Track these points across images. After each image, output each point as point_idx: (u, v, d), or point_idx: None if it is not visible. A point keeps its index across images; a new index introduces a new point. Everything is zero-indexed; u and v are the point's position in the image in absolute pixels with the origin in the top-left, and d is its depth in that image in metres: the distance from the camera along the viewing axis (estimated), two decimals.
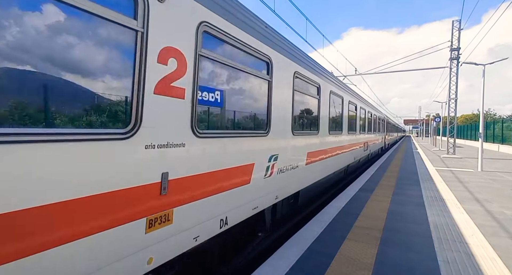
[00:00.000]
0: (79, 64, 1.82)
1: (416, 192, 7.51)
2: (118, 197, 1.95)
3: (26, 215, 1.47)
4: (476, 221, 5.10)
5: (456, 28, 18.38)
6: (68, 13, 1.71)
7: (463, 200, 6.65)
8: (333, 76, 7.80)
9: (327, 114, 6.73)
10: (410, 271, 3.22)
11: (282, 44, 4.43)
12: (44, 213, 1.55)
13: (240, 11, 3.37)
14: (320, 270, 3.19)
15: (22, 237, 1.47)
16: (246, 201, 3.45)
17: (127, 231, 2.01)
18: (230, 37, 3.14)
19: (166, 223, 2.32)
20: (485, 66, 12.77)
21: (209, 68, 2.96)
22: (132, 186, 2.04)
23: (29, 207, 1.49)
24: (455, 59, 18.66)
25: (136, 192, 2.07)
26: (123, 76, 2.08)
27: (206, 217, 2.79)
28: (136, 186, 2.07)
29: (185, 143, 2.54)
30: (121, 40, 2.06)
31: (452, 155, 18.90)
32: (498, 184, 8.85)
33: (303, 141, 5.19)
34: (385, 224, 4.80)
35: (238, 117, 3.56)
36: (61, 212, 1.63)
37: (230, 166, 3.13)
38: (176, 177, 2.42)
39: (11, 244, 1.43)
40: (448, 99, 19.75)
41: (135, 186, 2.07)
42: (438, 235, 4.35)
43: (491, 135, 27.26)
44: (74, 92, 1.84)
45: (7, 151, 1.42)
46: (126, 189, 2.00)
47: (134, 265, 2.09)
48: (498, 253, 3.74)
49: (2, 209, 1.39)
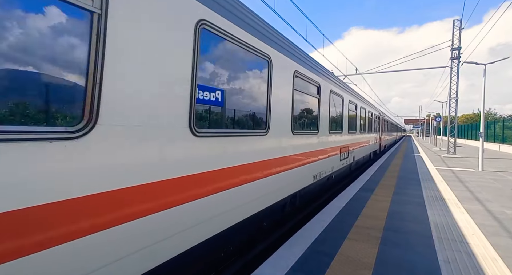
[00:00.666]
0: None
1: (416, 191, 7.49)
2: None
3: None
4: (477, 220, 5.09)
5: (457, 28, 18.35)
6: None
7: (463, 200, 6.63)
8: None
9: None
10: (410, 271, 3.21)
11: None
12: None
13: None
14: (320, 270, 3.18)
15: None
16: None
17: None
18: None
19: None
20: (486, 65, 12.74)
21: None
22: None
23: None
24: (456, 59, 18.63)
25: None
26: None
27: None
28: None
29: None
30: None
31: (453, 154, 18.88)
32: (499, 184, 8.83)
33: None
34: (385, 224, 4.80)
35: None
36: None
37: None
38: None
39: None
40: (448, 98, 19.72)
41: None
42: (438, 235, 4.34)
43: (492, 135, 27.22)
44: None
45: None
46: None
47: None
48: (499, 253, 3.73)
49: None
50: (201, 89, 2.80)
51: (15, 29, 1.52)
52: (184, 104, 2.54)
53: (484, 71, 12.67)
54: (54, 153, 1.61)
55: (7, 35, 1.50)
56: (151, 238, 2.22)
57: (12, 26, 1.51)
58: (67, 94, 1.77)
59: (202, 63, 2.81)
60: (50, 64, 1.66)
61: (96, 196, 1.81)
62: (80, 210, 1.74)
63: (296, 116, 4.98)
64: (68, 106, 1.78)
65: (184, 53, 2.55)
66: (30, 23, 1.57)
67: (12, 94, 1.56)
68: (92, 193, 1.79)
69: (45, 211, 1.57)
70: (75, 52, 1.77)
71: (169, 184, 2.36)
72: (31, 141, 1.52)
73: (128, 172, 2.02)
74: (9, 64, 1.52)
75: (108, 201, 1.88)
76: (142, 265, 2.17)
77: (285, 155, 4.49)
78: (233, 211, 3.20)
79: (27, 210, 1.50)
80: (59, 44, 1.70)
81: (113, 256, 1.96)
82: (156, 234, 2.26)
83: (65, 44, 1.73)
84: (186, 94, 2.56)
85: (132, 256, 2.08)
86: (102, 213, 1.85)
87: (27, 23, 1.56)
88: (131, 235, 2.06)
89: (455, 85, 18.99)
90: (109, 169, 1.90)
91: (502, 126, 24.93)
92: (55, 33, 1.67)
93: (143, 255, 2.16)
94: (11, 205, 1.44)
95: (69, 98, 1.78)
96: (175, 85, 2.45)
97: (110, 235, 1.92)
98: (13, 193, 1.46)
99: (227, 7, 3.11)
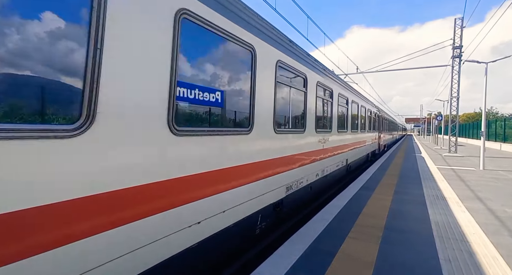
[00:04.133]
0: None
1: (417, 190, 7.48)
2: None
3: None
4: (478, 219, 5.08)
5: (459, 26, 18.28)
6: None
7: (464, 199, 6.62)
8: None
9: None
10: (411, 270, 3.21)
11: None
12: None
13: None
14: (321, 269, 3.18)
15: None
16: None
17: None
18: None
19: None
20: (487, 64, 12.69)
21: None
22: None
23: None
24: (457, 57, 18.57)
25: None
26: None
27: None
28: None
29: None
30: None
31: (454, 153, 18.84)
32: (500, 183, 8.81)
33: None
34: (386, 223, 4.79)
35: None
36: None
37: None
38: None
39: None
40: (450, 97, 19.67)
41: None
42: (439, 234, 4.33)
43: (493, 134, 27.14)
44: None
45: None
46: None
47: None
48: (500, 252, 3.72)
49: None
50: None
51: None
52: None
53: (485, 70, 12.62)
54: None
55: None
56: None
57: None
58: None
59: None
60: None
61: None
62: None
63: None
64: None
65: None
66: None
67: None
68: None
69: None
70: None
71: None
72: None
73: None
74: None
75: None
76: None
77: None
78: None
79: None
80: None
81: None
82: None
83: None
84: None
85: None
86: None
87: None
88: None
89: (457, 84, 18.94)
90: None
91: (504, 125, 24.84)
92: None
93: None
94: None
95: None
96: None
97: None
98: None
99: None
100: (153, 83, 2.27)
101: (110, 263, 1.97)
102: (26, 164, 1.54)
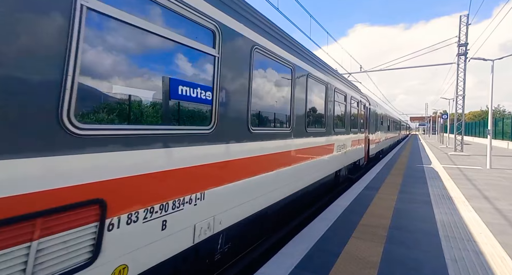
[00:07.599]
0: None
1: (422, 189, 7.42)
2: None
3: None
4: (485, 219, 5.01)
5: (464, 23, 18.05)
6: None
7: (471, 198, 6.54)
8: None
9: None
10: (417, 270, 3.18)
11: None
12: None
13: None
14: (325, 269, 3.17)
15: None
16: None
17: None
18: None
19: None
20: (493, 61, 12.52)
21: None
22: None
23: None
24: (463, 55, 18.35)
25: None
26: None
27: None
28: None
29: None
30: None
31: (460, 152, 18.62)
32: (507, 182, 8.69)
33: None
34: (391, 222, 4.76)
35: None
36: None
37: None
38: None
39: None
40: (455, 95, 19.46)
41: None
42: (445, 233, 4.29)
43: (500, 132, 26.76)
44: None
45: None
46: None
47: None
48: (508, 252, 3.67)
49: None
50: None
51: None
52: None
53: (492, 67, 12.45)
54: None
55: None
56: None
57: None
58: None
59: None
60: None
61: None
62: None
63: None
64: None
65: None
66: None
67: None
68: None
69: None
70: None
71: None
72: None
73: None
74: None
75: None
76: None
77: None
78: None
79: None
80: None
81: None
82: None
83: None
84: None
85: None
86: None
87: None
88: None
89: (462, 82, 18.71)
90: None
91: (511, 124, 24.49)
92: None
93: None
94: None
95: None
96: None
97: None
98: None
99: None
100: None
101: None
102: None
